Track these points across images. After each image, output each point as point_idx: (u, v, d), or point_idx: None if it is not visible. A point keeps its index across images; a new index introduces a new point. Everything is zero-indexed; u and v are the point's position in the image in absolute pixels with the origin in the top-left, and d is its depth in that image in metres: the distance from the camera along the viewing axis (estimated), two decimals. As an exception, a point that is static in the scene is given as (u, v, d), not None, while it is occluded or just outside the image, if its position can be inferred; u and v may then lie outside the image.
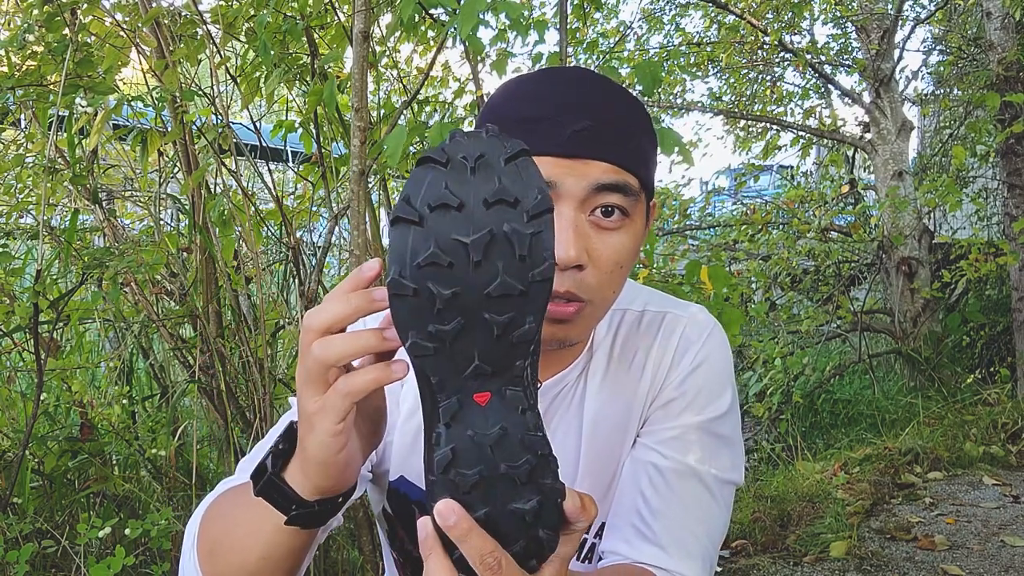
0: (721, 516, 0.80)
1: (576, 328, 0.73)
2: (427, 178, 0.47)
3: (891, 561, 2.50)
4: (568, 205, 0.69)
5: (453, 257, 0.46)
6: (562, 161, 0.69)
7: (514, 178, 0.47)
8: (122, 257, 1.85)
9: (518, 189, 0.47)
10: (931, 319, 4.90)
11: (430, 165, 0.47)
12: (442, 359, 0.48)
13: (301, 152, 2.55)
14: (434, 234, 0.46)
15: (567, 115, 0.69)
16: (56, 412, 2.37)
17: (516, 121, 0.71)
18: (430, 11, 1.89)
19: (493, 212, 0.46)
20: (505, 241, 0.46)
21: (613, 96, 0.73)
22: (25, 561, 1.61)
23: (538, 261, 0.47)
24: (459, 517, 0.49)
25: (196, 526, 0.71)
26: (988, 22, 4.29)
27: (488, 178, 0.46)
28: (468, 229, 0.46)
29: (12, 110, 2.20)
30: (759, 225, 5.43)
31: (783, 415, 4.30)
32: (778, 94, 6.62)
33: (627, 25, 6.16)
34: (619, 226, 0.71)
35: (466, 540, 0.49)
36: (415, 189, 0.47)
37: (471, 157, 0.47)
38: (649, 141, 0.75)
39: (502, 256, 0.46)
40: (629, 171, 0.71)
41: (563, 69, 0.77)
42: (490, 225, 0.46)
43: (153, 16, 1.96)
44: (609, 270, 0.72)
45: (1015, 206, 4.33)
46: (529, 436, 0.50)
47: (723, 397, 0.81)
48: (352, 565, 2.03)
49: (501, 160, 0.47)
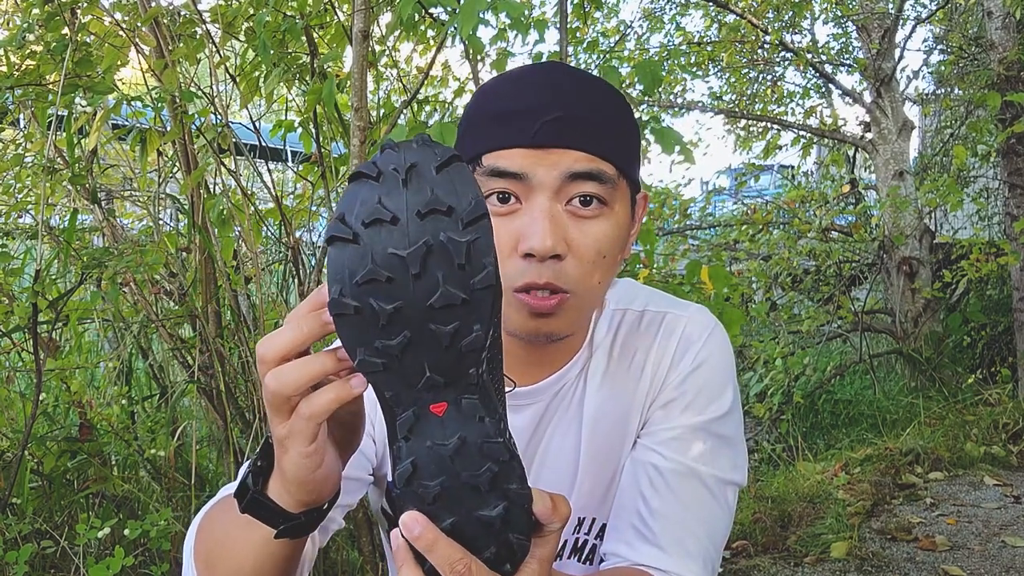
0: (723, 517, 0.79)
1: (560, 321, 0.73)
2: (360, 193, 0.46)
3: (892, 562, 2.49)
4: (542, 195, 0.69)
5: (392, 272, 0.45)
6: (533, 152, 0.69)
7: (447, 186, 0.46)
8: (121, 257, 1.84)
9: (451, 197, 0.46)
10: (932, 319, 4.90)
11: (362, 180, 0.47)
12: (393, 374, 0.48)
13: (300, 152, 2.55)
14: (370, 250, 0.45)
15: (539, 107, 0.69)
16: (55, 412, 2.36)
17: (490, 117, 0.71)
18: (430, 10, 1.88)
19: (428, 222, 0.46)
20: (442, 251, 0.46)
21: (586, 86, 0.73)
22: (24, 561, 1.61)
23: (478, 268, 0.46)
24: (423, 528, 0.49)
25: (193, 536, 0.71)
26: (989, 21, 4.29)
27: (420, 188, 0.46)
28: (404, 242, 0.45)
29: (11, 110, 2.19)
30: (760, 225, 5.43)
31: (784, 415, 4.29)
32: (779, 94, 6.62)
33: (627, 24, 6.15)
34: (597, 214, 0.71)
35: (433, 550, 0.49)
36: (348, 206, 0.46)
37: (402, 168, 0.46)
38: (627, 129, 0.74)
39: (441, 266, 0.46)
40: (603, 158, 0.70)
41: (540, 64, 0.77)
42: (426, 236, 0.45)
43: (152, 15, 1.95)
44: (591, 259, 0.71)
45: (1016, 206, 4.32)
46: (489, 444, 0.49)
47: (724, 397, 0.81)
48: (352, 566, 2.03)
49: (432, 169, 0.46)
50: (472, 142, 0.72)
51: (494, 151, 0.70)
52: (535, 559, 0.52)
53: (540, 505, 0.51)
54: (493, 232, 0.47)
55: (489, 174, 0.70)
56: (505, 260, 0.70)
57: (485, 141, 0.71)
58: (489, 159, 0.70)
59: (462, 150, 0.73)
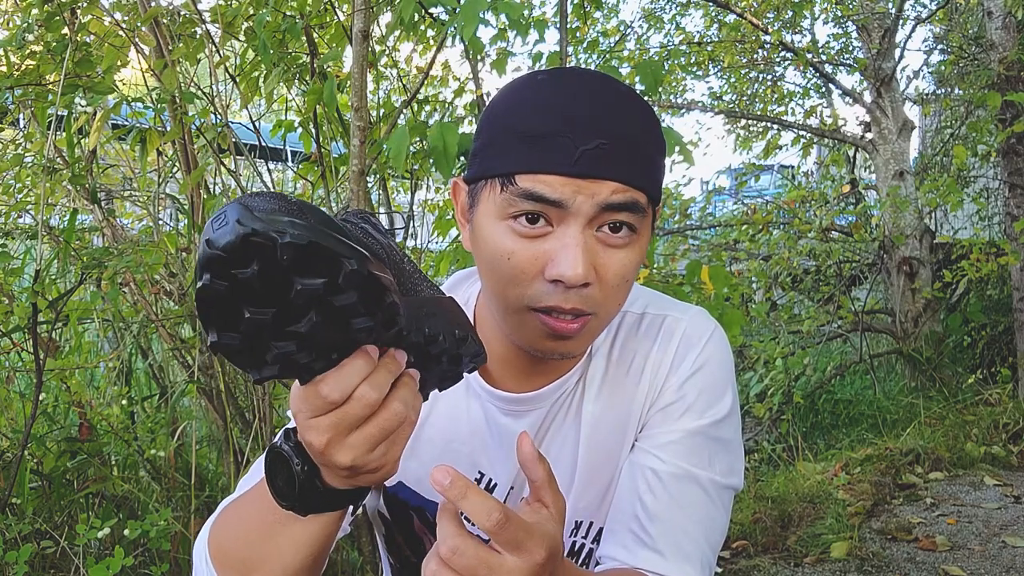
0: (720, 520, 0.79)
1: (579, 342, 0.73)
2: (219, 311, 0.47)
3: (892, 562, 2.49)
4: (577, 224, 0.68)
5: (298, 338, 0.48)
6: (572, 180, 0.67)
7: (305, 273, 0.46)
8: (121, 257, 1.84)
9: (318, 277, 0.46)
10: (932, 319, 4.90)
11: (209, 299, 0.47)
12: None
13: (300, 151, 2.55)
14: (268, 338, 0.48)
15: (576, 131, 0.67)
16: (55, 412, 2.36)
17: (522, 135, 0.68)
18: (430, 10, 1.88)
19: (308, 303, 0.47)
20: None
21: (624, 107, 0.70)
22: (24, 562, 1.61)
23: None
24: (453, 477, 0.53)
25: (206, 551, 0.72)
26: (989, 21, 4.29)
27: (281, 282, 0.46)
28: (296, 319, 0.47)
29: (11, 110, 2.19)
30: (760, 225, 5.42)
31: (784, 415, 4.29)
32: (779, 93, 6.62)
33: (627, 24, 6.15)
34: (627, 243, 0.71)
35: (465, 498, 0.53)
36: (215, 325, 0.48)
37: (250, 278, 0.46)
38: (659, 152, 0.73)
39: (342, 321, 0.49)
40: (639, 188, 0.70)
41: (571, 75, 0.73)
42: (312, 308, 0.47)
43: (152, 15, 1.95)
44: (615, 284, 0.71)
45: (1016, 206, 4.32)
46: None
47: (723, 401, 0.81)
48: (352, 566, 2.03)
49: (283, 263, 0.46)
50: (501, 157, 0.70)
51: (529, 173, 0.68)
52: (543, 536, 0.55)
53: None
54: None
55: (523, 196, 0.68)
56: (531, 281, 0.69)
57: (518, 160, 0.69)
58: (525, 181, 0.68)
59: (488, 161, 0.71)
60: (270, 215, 0.45)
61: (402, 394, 0.54)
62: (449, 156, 1.39)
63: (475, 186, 0.74)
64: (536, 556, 0.54)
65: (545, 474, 0.60)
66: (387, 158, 1.59)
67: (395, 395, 0.54)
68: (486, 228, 0.71)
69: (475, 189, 0.74)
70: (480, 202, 0.73)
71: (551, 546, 0.55)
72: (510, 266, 0.70)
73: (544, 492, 0.60)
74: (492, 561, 0.53)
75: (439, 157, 1.39)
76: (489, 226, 0.71)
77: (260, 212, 0.45)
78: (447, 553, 0.53)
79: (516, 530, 0.53)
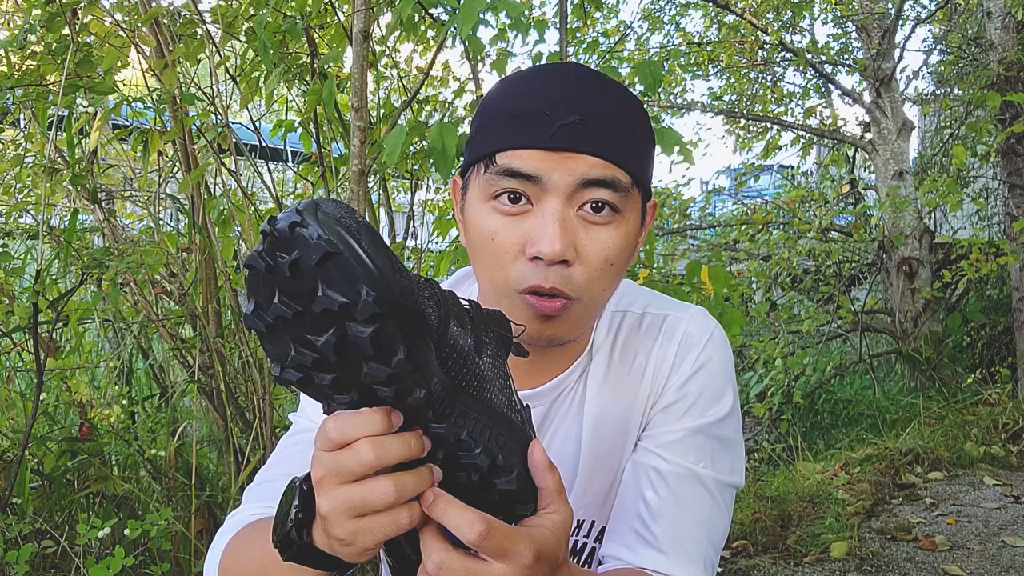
0: (722, 519, 0.79)
1: (564, 325, 0.73)
2: (259, 287, 0.48)
3: (892, 561, 2.49)
4: (554, 199, 0.69)
5: (316, 353, 0.48)
6: (549, 155, 0.68)
7: (330, 283, 0.46)
8: (122, 257, 1.85)
9: (339, 294, 0.46)
10: (932, 319, 4.90)
11: (254, 271, 0.48)
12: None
13: (301, 152, 2.55)
14: (289, 338, 0.48)
15: (556, 109, 0.69)
16: (55, 412, 2.37)
17: (506, 115, 0.71)
18: (430, 11, 1.89)
19: (327, 318, 0.47)
20: (353, 342, 0.47)
21: (605, 90, 0.72)
22: (25, 561, 1.61)
23: (390, 355, 0.47)
24: (436, 494, 0.52)
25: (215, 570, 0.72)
26: (989, 22, 4.29)
27: (310, 283, 0.47)
28: (316, 330, 0.47)
29: (12, 110, 2.20)
30: (759, 225, 5.43)
31: (784, 415, 4.29)
32: (778, 94, 6.62)
33: (627, 24, 6.16)
34: (608, 222, 0.71)
35: (447, 515, 0.52)
36: (254, 297, 0.49)
37: (285, 265, 0.46)
38: (644, 137, 0.74)
39: (355, 355, 0.48)
40: (619, 166, 0.70)
41: (558, 64, 0.76)
42: (332, 327, 0.47)
43: (153, 16, 1.95)
44: (598, 267, 0.71)
45: (1016, 206, 4.32)
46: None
47: (724, 400, 0.81)
48: (352, 566, 2.02)
49: (313, 262, 0.46)
50: (486, 139, 0.72)
51: (509, 150, 0.69)
52: (547, 527, 0.56)
53: None
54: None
55: (502, 173, 0.69)
56: (512, 261, 0.70)
57: (500, 139, 0.70)
58: (503, 158, 0.70)
59: (475, 146, 0.73)
60: (331, 219, 0.46)
61: (403, 478, 0.51)
62: (448, 157, 1.39)
63: (467, 176, 0.75)
64: (523, 559, 0.53)
65: (555, 484, 0.59)
66: (384, 158, 1.60)
67: (395, 474, 0.51)
68: (473, 212, 0.73)
69: (467, 179, 0.75)
70: (469, 188, 0.74)
71: (538, 548, 0.55)
72: (494, 247, 0.71)
73: (552, 501, 0.59)
74: (479, 570, 0.53)
75: (438, 158, 1.40)
76: (475, 210, 0.73)
77: (324, 214, 0.46)
78: (434, 569, 0.53)
79: (500, 538, 0.53)
